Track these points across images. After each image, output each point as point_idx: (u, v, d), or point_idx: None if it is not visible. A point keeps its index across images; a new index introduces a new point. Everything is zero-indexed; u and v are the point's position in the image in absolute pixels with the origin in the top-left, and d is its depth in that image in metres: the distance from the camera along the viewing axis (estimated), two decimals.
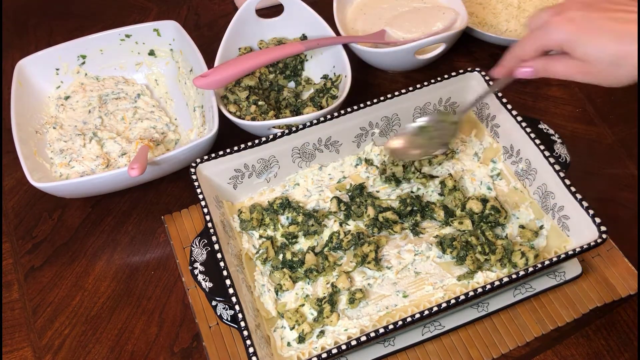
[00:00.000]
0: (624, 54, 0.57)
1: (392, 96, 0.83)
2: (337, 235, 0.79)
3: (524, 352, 0.75)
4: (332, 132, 0.83)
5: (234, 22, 0.97)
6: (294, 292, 0.76)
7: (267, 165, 0.82)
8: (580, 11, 0.59)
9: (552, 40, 0.60)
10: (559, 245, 0.76)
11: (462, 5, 1.00)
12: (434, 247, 0.78)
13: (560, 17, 0.59)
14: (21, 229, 0.88)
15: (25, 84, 0.92)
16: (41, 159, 0.88)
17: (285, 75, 0.99)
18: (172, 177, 0.90)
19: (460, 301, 0.66)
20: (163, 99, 1.00)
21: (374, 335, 0.65)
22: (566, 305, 0.77)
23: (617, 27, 0.57)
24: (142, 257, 0.85)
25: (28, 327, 0.80)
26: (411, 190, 0.83)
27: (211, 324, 0.78)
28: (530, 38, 0.63)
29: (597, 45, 0.58)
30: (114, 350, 0.77)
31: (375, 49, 0.96)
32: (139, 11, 1.16)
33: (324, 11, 0.99)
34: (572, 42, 0.59)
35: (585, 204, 0.72)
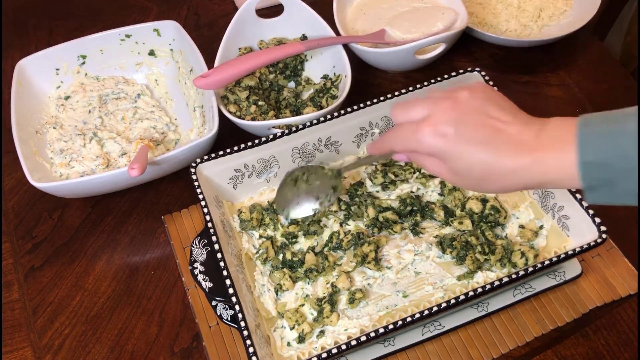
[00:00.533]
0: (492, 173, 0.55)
1: (392, 96, 0.83)
2: (337, 235, 0.79)
3: (524, 352, 0.75)
4: (332, 132, 0.83)
5: (234, 22, 0.97)
6: (294, 292, 0.76)
7: (267, 165, 0.82)
8: (452, 125, 0.55)
9: (421, 149, 0.58)
10: (559, 245, 0.76)
11: (462, 5, 1.00)
12: (434, 247, 0.78)
13: (431, 128, 0.56)
14: (21, 229, 0.88)
15: (25, 84, 0.92)
16: (41, 159, 0.88)
17: (286, 75, 0.99)
18: (172, 177, 0.90)
19: (460, 301, 0.66)
20: (163, 99, 1.00)
21: (374, 335, 0.65)
22: (566, 305, 0.77)
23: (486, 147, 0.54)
24: (142, 257, 0.85)
25: (28, 327, 0.80)
26: (411, 190, 0.83)
27: (211, 324, 0.78)
28: (401, 139, 0.59)
29: (466, 163, 0.56)
30: (114, 350, 0.77)
31: (375, 49, 0.96)
32: (139, 11, 1.16)
33: (324, 11, 0.99)
34: (443, 156, 0.57)
35: (585, 204, 0.72)
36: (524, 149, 0.54)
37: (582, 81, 1.02)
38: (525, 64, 1.04)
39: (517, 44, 1.01)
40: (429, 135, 0.56)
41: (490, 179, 0.56)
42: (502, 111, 0.56)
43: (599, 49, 1.07)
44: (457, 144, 0.55)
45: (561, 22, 1.06)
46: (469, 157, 0.55)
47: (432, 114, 0.57)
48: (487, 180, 0.56)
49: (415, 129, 0.57)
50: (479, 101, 0.56)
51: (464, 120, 0.55)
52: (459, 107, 0.56)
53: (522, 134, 0.54)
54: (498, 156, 0.54)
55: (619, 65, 1.07)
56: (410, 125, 0.58)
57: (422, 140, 0.57)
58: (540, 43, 1.01)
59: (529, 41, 1.00)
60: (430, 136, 0.56)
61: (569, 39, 1.03)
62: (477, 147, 0.55)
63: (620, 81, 1.03)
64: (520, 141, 0.54)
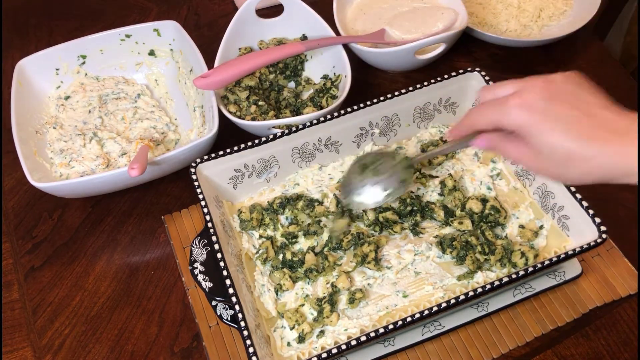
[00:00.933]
0: (577, 156, 0.53)
1: (392, 96, 0.83)
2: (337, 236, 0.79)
3: (524, 352, 0.75)
4: (332, 132, 0.83)
5: (234, 22, 0.97)
6: (294, 292, 0.76)
7: (267, 165, 0.82)
8: (543, 100, 0.54)
9: (507, 123, 0.56)
10: (559, 245, 0.76)
11: (462, 5, 1.00)
12: (434, 247, 0.78)
13: (521, 100, 0.55)
14: (21, 229, 0.88)
15: (25, 84, 0.92)
16: (41, 159, 0.88)
17: (286, 75, 0.99)
18: (172, 177, 0.90)
19: (460, 301, 0.66)
20: (163, 99, 1.00)
21: (374, 335, 0.65)
22: (566, 305, 0.77)
23: (576, 127, 0.53)
24: (142, 257, 0.85)
25: (28, 327, 0.80)
26: (411, 190, 0.83)
27: (211, 324, 0.78)
28: (486, 113, 0.58)
29: (552, 141, 0.54)
30: (114, 350, 0.77)
31: (375, 49, 0.96)
32: (139, 11, 1.16)
33: (324, 11, 0.99)
34: (528, 131, 0.55)
35: (585, 204, 0.72)
36: (615, 134, 0.52)
37: None
38: (525, 64, 1.04)
39: (517, 44, 1.01)
40: (516, 107, 0.55)
41: (573, 162, 0.54)
42: (596, 98, 0.55)
43: (599, 49, 1.07)
44: (545, 120, 0.54)
45: (561, 22, 1.06)
46: (556, 135, 0.54)
47: (522, 89, 0.56)
48: (570, 163, 0.54)
49: (504, 101, 0.56)
50: (573, 85, 0.56)
51: (555, 98, 0.54)
52: (551, 87, 0.55)
53: (615, 120, 0.53)
54: (586, 138, 0.53)
55: (619, 65, 1.07)
56: (497, 100, 0.57)
57: (508, 112, 0.55)
58: (540, 43, 1.01)
59: (529, 41, 1.00)
60: (517, 108, 0.55)
61: (569, 39, 1.03)
62: (566, 126, 0.53)
63: (620, 81, 1.03)
64: (612, 127, 0.52)
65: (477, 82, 0.85)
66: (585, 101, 0.55)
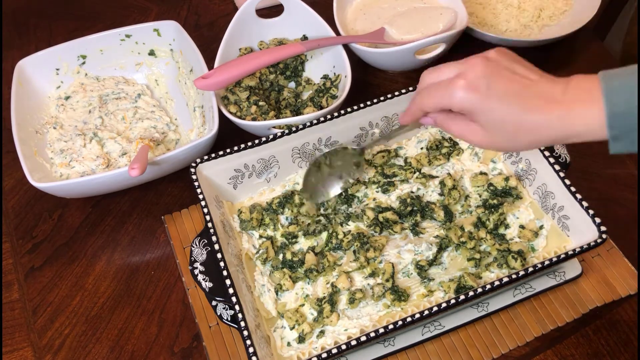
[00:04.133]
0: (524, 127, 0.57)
1: (392, 96, 0.83)
2: (336, 235, 0.79)
3: (524, 352, 0.75)
4: (332, 132, 0.83)
5: (234, 22, 0.97)
6: (294, 292, 0.76)
7: (267, 165, 0.82)
8: (484, 78, 0.58)
9: (453, 104, 0.59)
10: (559, 245, 0.76)
11: (461, 5, 1.00)
12: (434, 247, 0.78)
13: (464, 81, 0.58)
14: (21, 229, 0.88)
15: (25, 84, 0.92)
16: (41, 159, 0.88)
17: (286, 75, 0.99)
18: (172, 177, 0.90)
19: (460, 301, 0.66)
20: (163, 99, 1.00)
21: (374, 335, 0.65)
22: (566, 305, 0.77)
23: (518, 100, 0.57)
24: (142, 257, 0.85)
25: (28, 327, 0.80)
26: (411, 191, 0.83)
27: (211, 324, 0.78)
28: (433, 96, 0.61)
29: (500, 116, 0.58)
30: (114, 350, 0.77)
31: (375, 49, 0.96)
32: (139, 11, 1.16)
33: (324, 11, 0.99)
34: (473, 110, 0.59)
35: (585, 204, 0.72)
36: (554, 102, 0.56)
37: None
38: None
39: (517, 44, 1.01)
40: (461, 89, 0.58)
41: (521, 133, 0.58)
42: (529, 70, 0.59)
43: (599, 49, 1.07)
44: (489, 98, 0.57)
45: (561, 22, 1.06)
46: (502, 110, 0.57)
47: (464, 71, 0.59)
48: (518, 134, 0.58)
49: (448, 84, 0.59)
50: (507, 61, 0.59)
51: (495, 75, 0.58)
52: (490, 64, 0.58)
53: (550, 89, 0.57)
54: (529, 109, 0.57)
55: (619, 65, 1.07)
56: (443, 82, 0.60)
57: (454, 94, 0.58)
58: (540, 43, 1.01)
59: (529, 41, 1.00)
60: (463, 90, 0.58)
61: (569, 39, 1.03)
62: (510, 100, 0.57)
63: None
64: (549, 95, 0.57)
65: None
66: (520, 74, 0.58)
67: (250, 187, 0.84)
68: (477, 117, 0.59)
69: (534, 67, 0.60)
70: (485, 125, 0.59)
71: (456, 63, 0.61)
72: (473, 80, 0.58)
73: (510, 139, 0.59)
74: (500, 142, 0.60)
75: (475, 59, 0.59)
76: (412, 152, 0.87)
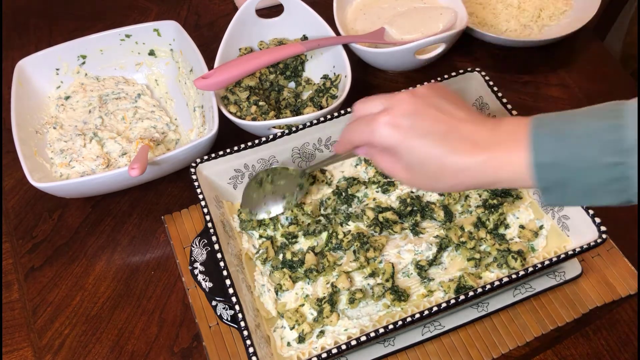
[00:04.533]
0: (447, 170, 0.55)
1: None
2: (336, 235, 0.79)
3: (524, 352, 0.75)
4: (332, 132, 0.83)
5: (234, 22, 0.97)
6: (294, 292, 0.76)
7: (267, 165, 0.82)
8: (408, 116, 0.56)
9: (375, 140, 0.57)
10: (559, 245, 0.76)
11: (461, 5, 1.00)
12: (434, 247, 0.78)
13: (388, 118, 0.56)
14: (21, 229, 0.88)
15: (25, 84, 0.92)
16: (41, 159, 0.88)
17: (286, 75, 0.99)
18: (172, 177, 0.90)
19: (460, 301, 0.66)
20: (163, 98, 1.00)
21: (374, 335, 0.65)
22: (566, 305, 0.77)
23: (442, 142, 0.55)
24: (142, 257, 0.85)
25: (28, 327, 0.80)
26: (411, 190, 0.83)
27: (211, 324, 0.78)
28: (358, 131, 0.59)
29: (421, 157, 0.55)
30: (114, 350, 0.77)
31: (375, 49, 0.96)
32: (139, 11, 1.16)
33: (324, 11, 0.99)
34: (396, 148, 0.57)
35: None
36: (478, 146, 0.54)
37: (582, 81, 1.02)
38: (525, 64, 1.04)
39: (517, 44, 1.01)
40: (384, 126, 0.56)
41: (444, 175, 0.56)
42: (458, 109, 0.57)
43: (599, 49, 1.07)
44: (411, 137, 0.55)
45: (561, 22, 1.06)
46: (423, 150, 0.55)
47: (389, 106, 0.57)
48: (439, 177, 0.56)
49: (371, 120, 0.57)
50: (436, 98, 0.57)
51: (420, 113, 0.56)
52: (415, 101, 0.56)
53: (476, 132, 0.55)
54: (452, 152, 0.54)
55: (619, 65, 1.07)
56: (367, 117, 0.58)
57: (376, 131, 0.57)
58: (540, 43, 1.01)
59: (529, 41, 1.00)
60: (385, 127, 0.56)
61: (569, 39, 1.03)
62: (432, 142, 0.55)
63: (620, 81, 1.03)
64: (474, 139, 0.54)
65: (477, 82, 0.85)
66: (448, 113, 0.56)
67: None
68: (401, 156, 0.57)
69: (465, 105, 0.58)
70: (408, 164, 0.57)
71: (385, 96, 0.59)
72: (396, 117, 0.56)
73: (432, 180, 0.57)
74: (422, 182, 0.58)
75: (402, 95, 0.57)
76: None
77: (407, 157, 0.57)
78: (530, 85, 1.01)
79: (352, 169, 0.86)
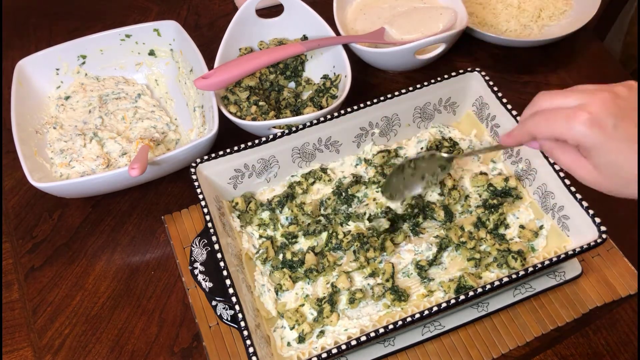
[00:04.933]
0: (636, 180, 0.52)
1: (392, 96, 0.83)
2: (336, 235, 0.79)
3: (524, 352, 0.75)
4: (332, 132, 0.83)
5: (234, 22, 0.97)
6: (294, 292, 0.76)
7: (267, 165, 0.82)
8: (612, 117, 0.52)
9: (571, 136, 0.53)
10: (559, 245, 0.76)
11: (461, 5, 1.00)
12: (434, 247, 0.78)
13: (588, 115, 0.52)
14: (21, 229, 0.88)
15: (25, 84, 0.92)
16: (41, 159, 0.88)
17: (286, 75, 0.99)
18: (172, 177, 0.90)
19: (460, 301, 0.66)
20: (163, 98, 1.00)
21: (374, 335, 0.65)
22: (566, 305, 0.77)
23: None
24: (142, 257, 0.85)
25: (28, 327, 0.80)
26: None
27: (211, 324, 0.78)
28: (550, 124, 0.55)
29: (619, 162, 0.52)
30: (114, 350, 0.77)
31: (375, 49, 0.96)
32: (139, 11, 1.16)
33: (324, 11, 0.99)
34: (591, 147, 0.53)
35: (585, 204, 0.72)
36: None
37: (582, 81, 1.01)
38: (525, 64, 1.04)
39: (517, 44, 1.01)
40: (584, 123, 0.52)
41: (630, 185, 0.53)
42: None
43: (599, 49, 1.07)
44: (613, 139, 0.52)
45: (561, 22, 1.06)
46: (623, 155, 0.52)
47: (589, 102, 0.53)
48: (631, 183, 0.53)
49: (569, 114, 0.53)
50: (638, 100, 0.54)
51: (624, 116, 0.52)
52: (619, 102, 0.53)
53: None
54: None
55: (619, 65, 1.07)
56: (562, 110, 0.54)
57: (575, 127, 0.53)
58: (540, 43, 1.01)
59: (529, 41, 1.00)
60: (585, 124, 0.52)
61: (569, 39, 1.03)
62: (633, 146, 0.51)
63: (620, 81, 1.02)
64: None
65: (477, 82, 0.85)
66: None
67: (250, 187, 0.84)
68: (594, 155, 0.53)
69: None
70: (599, 165, 0.54)
71: (580, 92, 0.55)
72: (598, 115, 0.52)
73: (621, 185, 0.54)
74: (609, 185, 0.55)
75: (603, 93, 0.53)
76: (412, 152, 0.87)
77: (603, 159, 0.53)
78: (530, 85, 1.01)
79: (352, 169, 0.86)
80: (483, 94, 0.85)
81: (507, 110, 0.81)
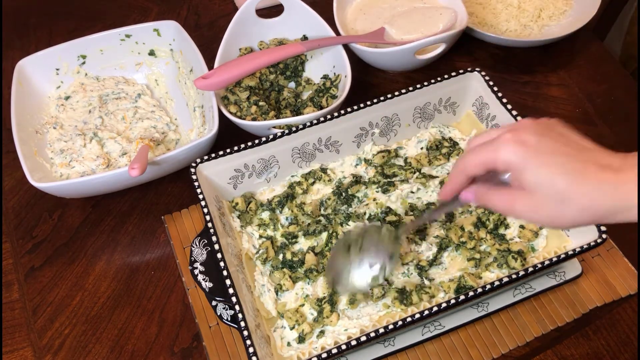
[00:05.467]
0: (574, 193, 0.51)
1: (392, 96, 0.83)
2: (336, 235, 0.79)
3: (524, 352, 0.75)
4: (332, 132, 0.83)
5: (234, 22, 0.97)
6: (294, 292, 0.76)
7: (267, 165, 0.82)
8: (536, 135, 0.53)
9: (499, 160, 0.54)
10: (559, 245, 0.76)
11: (461, 5, 1.00)
12: (434, 247, 0.78)
13: (513, 136, 0.54)
14: (21, 229, 0.88)
15: (25, 84, 0.92)
16: (41, 159, 0.88)
17: (286, 75, 0.99)
18: (172, 177, 0.90)
19: (460, 301, 0.66)
20: (163, 98, 1.00)
21: (374, 335, 0.65)
22: (566, 305, 0.77)
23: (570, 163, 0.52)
24: (142, 257, 0.85)
25: (28, 327, 0.80)
26: (411, 191, 0.83)
27: (211, 324, 0.78)
28: (476, 153, 0.56)
29: (546, 175, 0.52)
30: (114, 350, 0.77)
31: (375, 49, 0.96)
32: (139, 11, 1.16)
33: (324, 11, 0.99)
34: (521, 166, 0.53)
35: None
36: (610, 169, 0.51)
37: (582, 81, 1.02)
38: (525, 64, 1.04)
39: (517, 44, 1.01)
40: (508, 142, 0.53)
41: (571, 199, 0.52)
42: (584, 140, 0.54)
43: (599, 49, 1.07)
44: (539, 153, 0.53)
45: (561, 22, 1.06)
46: (552, 169, 0.52)
47: (512, 129, 0.55)
48: (566, 200, 0.52)
49: (494, 140, 0.55)
50: (560, 127, 0.55)
51: (546, 135, 0.54)
52: (541, 125, 0.55)
53: (607, 157, 0.52)
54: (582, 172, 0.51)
55: (619, 65, 1.07)
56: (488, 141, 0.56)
57: (500, 148, 0.54)
58: (540, 43, 1.01)
59: (529, 41, 1.00)
60: (510, 144, 0.53)
61: (569, 39, 1.03)
62: (561, 161, 0.52)
63: (620, 81, 1.03)
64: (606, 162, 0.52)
65: (477, 82, 0.85)
66: (574, 141, 0.54)
67: (250, 187, 0.84)
68: (523, 177, 0.53)
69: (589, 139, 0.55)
70: (532, 187, 0.53)
71: (503, 127, 0.57)
72: (522, 135, 0.53)
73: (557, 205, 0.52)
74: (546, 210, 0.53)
75: (525, 120, 0.56)
76: (412, 152, 0.87)
77: (531, 178, 0.53)
78: (530, 85, 1.01)
79: (352, 169, 0.86)
80: (483, 94, 0.85)
81: (507, 110, 0.81)
